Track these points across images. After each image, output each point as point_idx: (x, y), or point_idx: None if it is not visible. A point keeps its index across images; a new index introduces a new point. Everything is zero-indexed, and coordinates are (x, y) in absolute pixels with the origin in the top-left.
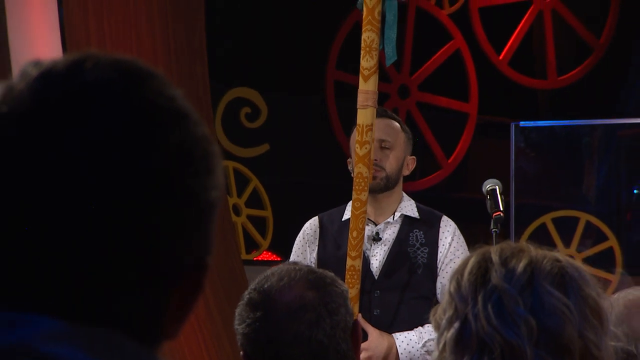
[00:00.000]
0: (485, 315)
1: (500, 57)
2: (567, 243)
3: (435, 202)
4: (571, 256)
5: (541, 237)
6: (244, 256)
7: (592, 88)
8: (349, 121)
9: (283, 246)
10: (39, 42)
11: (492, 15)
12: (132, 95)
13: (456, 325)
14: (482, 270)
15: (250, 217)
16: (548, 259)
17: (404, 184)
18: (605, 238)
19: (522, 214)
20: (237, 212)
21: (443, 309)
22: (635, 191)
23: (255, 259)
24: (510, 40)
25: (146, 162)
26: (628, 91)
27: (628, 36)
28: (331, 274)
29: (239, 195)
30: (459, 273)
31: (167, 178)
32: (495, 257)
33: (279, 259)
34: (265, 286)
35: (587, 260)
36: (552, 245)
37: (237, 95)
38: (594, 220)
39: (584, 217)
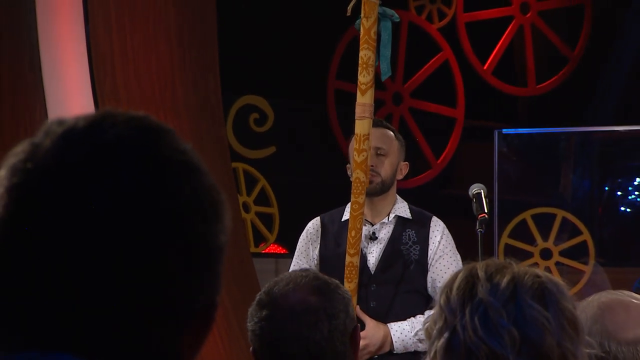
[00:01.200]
0: (472, 326)
1: (485, 67)
2: (545, 237)
3: (425, 199)
4: (548, 249)
5: (522, 232)
6: (253, 249)
7: (567, 96)
8: (348, 125)
9: (288, 240)
10: (68, 57)
11: (477, 29)
12: (149, 150)
13: (446, 335)
14: (470, 285)
15: (258, 214)
16: (529, 275)
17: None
18: (579, 232)
19: (505, 211)
20: (247, 209)
21: (434, 320)
22: (606, 188)
23: (263, 251)
24: (494, 52)
25: (162, 212)
26: (599, 99)
27: (599, 48)
28: (336, 281)
29: (248, 194)
30: (448, 287)
31: (181, 226)
32: (481, 273)
33: (284, 251)
34: (274, 289)
35: (563, 253)
36: (531, 238)
37: (247, 102)
38: (570, 216)
39: (561, 213)
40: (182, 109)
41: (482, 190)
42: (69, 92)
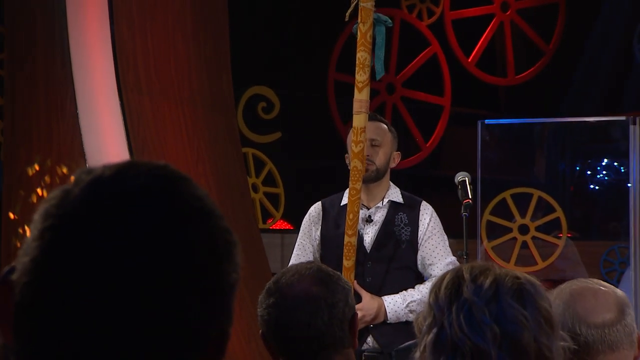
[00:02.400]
0: (458, 323)
1: (469, 60)
2: (522, 214)
3: (415, 178)
4: (526, 225)
5: (502, 210)
6: (261, 225)
7: (542, 87)
8: (346, 113)
9: (292, 217)
10: (95, 55)
11: (462, 25)
12: (168, 197)
13: (434, 330)
14: (456, 285)
15: (266, 194)
16: (509, 277)
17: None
18: (553, 210)
19: (487, 191)
20: (255, 189)
21: (424, 317)
22: (577, 168)
23: (270, 227)
24: (477, 46)
25: (179, 254)
26: (572, 90)
27: (572, 43)
28: (338, 273)
29: (257, 176)
30: (437, 287)
31: (197, 266)
32: (466, 275)
33: (290, 227)
34: (282, 280)
35: (539, 228)
36: (510, 215)
37: (255, 92)
38: (545, 195)
39: (537, 193)
40: (197, 101)
41: (466, 178)
42: (96, 86)
